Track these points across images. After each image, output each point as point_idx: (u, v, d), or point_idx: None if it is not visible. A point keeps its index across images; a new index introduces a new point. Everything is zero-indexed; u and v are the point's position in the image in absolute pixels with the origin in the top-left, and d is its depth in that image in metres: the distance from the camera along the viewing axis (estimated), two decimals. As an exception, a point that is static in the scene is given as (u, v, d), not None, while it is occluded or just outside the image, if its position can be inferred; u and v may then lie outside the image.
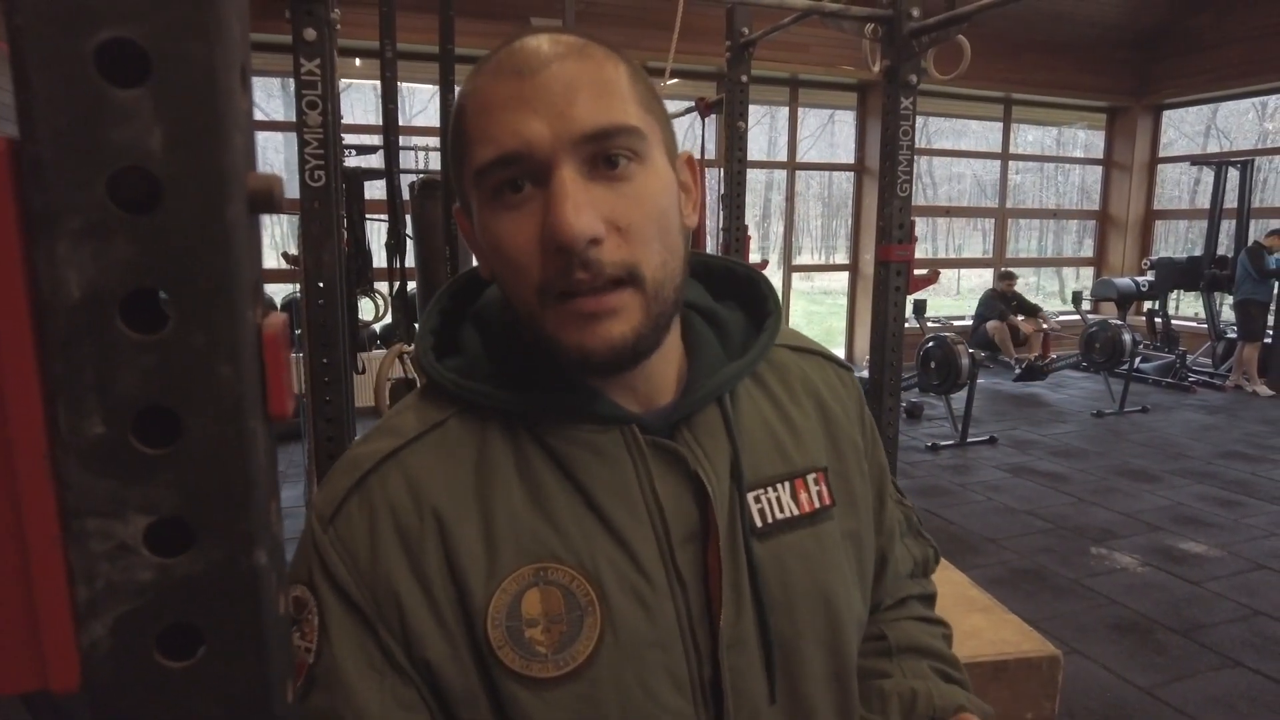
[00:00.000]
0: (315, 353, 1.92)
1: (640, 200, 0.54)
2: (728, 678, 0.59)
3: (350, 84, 6.72)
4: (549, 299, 0.53)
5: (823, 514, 0.65)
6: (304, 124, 1.84)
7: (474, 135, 0.54)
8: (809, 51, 7.34)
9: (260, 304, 0.32)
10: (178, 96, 0.26)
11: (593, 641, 0.55)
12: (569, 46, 0.54)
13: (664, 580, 0.58)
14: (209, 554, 0.29)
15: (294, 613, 0.57)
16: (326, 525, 0.57)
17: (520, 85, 0.52)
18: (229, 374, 0.29)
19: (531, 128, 0.51)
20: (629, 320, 0.54)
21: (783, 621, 0.61)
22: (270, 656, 0.31)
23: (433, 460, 0.58)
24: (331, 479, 0.60)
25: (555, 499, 0.57)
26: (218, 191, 0.27)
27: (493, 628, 0.55)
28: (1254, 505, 4.29)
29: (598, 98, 0.52)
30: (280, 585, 0.34)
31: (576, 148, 0.52)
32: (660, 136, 0.57)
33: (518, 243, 0.53)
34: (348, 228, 3.79)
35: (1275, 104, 9.39)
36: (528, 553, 0.56)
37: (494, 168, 0.53)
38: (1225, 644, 2.85)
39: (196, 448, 0.28)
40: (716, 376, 0.62)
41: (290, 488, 4.46)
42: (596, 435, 0.59)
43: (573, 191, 0.51)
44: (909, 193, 2.15)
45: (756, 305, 0.68)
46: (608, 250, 0.52)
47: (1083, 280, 9.96)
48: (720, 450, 0.61)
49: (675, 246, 0.56)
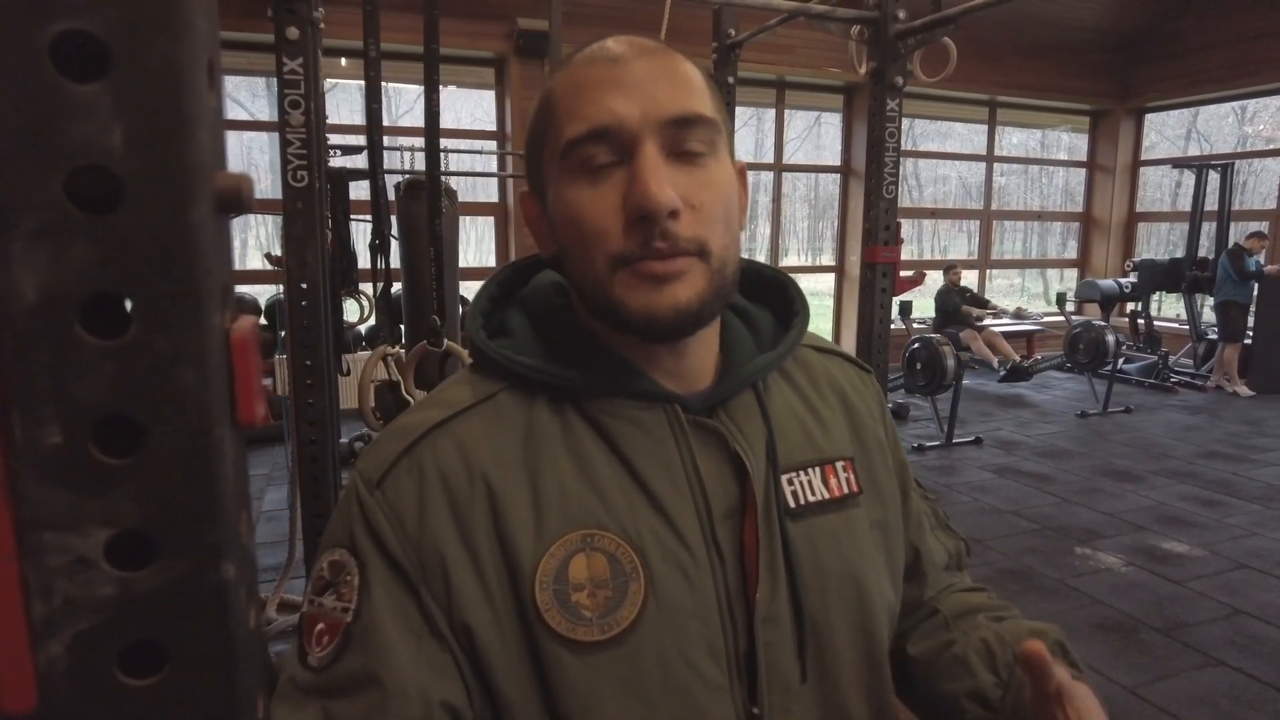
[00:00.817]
0: (298, 354, 1.90)
1: (712, 185, 0.58)
2: (762, 653, 0.60)
3: (336, 84, 6.67)
4: (621, 265, 0.57)
5: (850, 500, 0.68)
6: (286, 123, 1.82)
7: (564, 113, 0.58)
8: (795, 54, 7.36)
9: (229, 308, 0.31)
10: (139, 92, 0.25)
11: (637, 607, 0.57)
12: (654, 48, 0.60)
13: (704, 553, 0.60)
14: (173, 568, 0.28)
15: (329, 576, 0.58)
16: (373, 488, 0.59)
17: (614, 70, 0.57)
18: (194, 381, 0.28)
19: (622, 106, 0.56)
20: (694, 285, 0.57)
21: (815, 601, 0.63)
22: (238, 674, 0.30)
23: (483, 430, 0.60)
24: (379, 445, 0.62)
25: (601, 471, 0.60)
26: (182, 191, 0.26)
27: (540, 590, 0.56)
28: (1235, 505, 4.33)
29: (681, 90, 0.58)
30: (251, 599, 0.33)
31: (661, 129, 0.56)
32: (726, 138, 0.61)
33: (599, 211, 0.57)
34: (332, 228, 3.76)
35: (1254, 108, 9.50)
36: (575, 520, 0.58)
37: (584, 141, 0.57)
38: (1207, 643, 2.87)
39: (160, 457, 0.27)
40: (751, 365, 0.65)
41: (274, 490, 4.42)
42: (641, 412, 0.61)
43: (657, 166, 0.56)
44: (894, 194, 2.16)
45: (784, 306, 0.72)
46: (683, 224, 0.56)
47: (1067, 281, 10.04)
48: (756, 432, 0.64)
49: (735, 234, 0.61)
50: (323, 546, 0.61)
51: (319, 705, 0.56)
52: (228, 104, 7.42)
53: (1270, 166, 8.78)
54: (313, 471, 1.93)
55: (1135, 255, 9.23)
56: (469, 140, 7.05)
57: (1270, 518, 4.14)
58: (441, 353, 2.29)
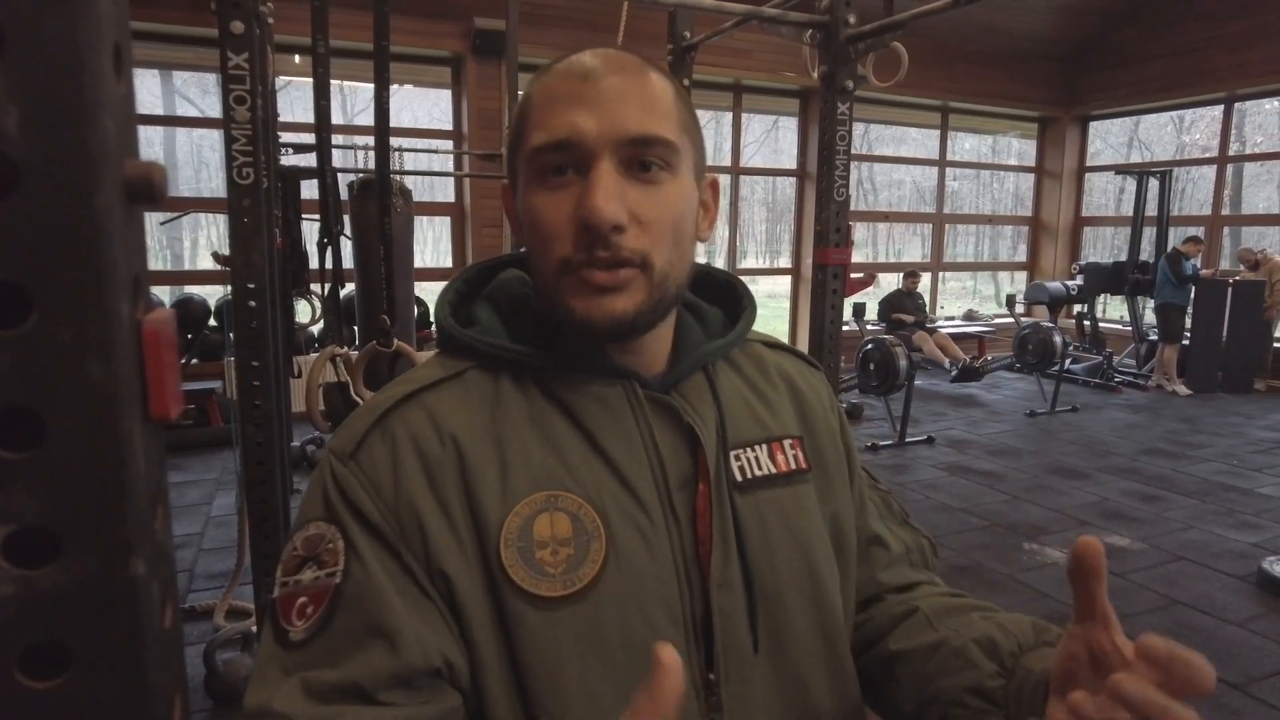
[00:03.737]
0: (244, 356, 1.85)
1: (663, 203, 0.61)
2: (718, 619, 0.62)
3: (289, 81, 6.54)
4: (568, 270, 0.60)
5: (798, 476, 0.71)
6: (231, 120, 1.78)
7: (535, 120, 0.62)
8: (752, 58, 7.43)
9: (142, 299, 0.30)
10: (35, 76, 0.24)
11: (598, 565, 0.59)
12: (629, 64, 0.62)
13: (661, 518, 0.63)
14: (77, 565, 0.27)
15: (304, 551, 0.60)
16: (347, 460, 0.61)
17: (582, 86, 0.60)
18: (100, 373, 0.27)
19: (585, 122, 0.59)
20: (633, 297, 0.60)
21: (764, 570, 0.65)
22: (149, 675, 0.29)
23: (451, 401, 0.63)
24: (350, 422, 0.64)
25: (564, 440, 0.63)
26: (84, 178, 0.26)
27: (505, 548, 0.58)
28: (1173, 499, 4.49)
29: (645, 110, 0.60)
30: (166, 597, 0.33)
31: (619, 147, 0.59)
32: (692, 157, 0.65)
33: (553, 218, 0.60)
34: (284, 228, 3.69)
35: (1192, 118, 9.86)
36: (539, 482, 0.61)
37: (546, 150, 0.60)
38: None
39: (63, 451, 0.26)
40: (700, 350, 0.69)
41: (224, 495, 4.31)
42: (602, 388, 0.65)
43: (607, 183, 0.59)
44: (846, 197, 2.19)
45: (733, 305, 0.76)
46: (628, 238, 0.59)
47: (1017, 284, 10.29)
48: (708, 410, 0.68)
49: (685, 251, 0.64)
50: (295, 527, 0.62)
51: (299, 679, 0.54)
52: (177, 101, 7.17)
53: (1206, 174, 9.11)
54: (259, 475, 1.88)
55: (1081, 258, 9.52)
56: (425, 140, 6.97)
57: (1205, 512, 4.30)
58: (391, 353, 2.25)
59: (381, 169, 2.32)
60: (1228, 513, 4.27)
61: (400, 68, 6.51)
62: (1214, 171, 8.78)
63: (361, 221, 3.68)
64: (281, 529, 1.91)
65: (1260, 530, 4.02)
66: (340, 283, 2.89)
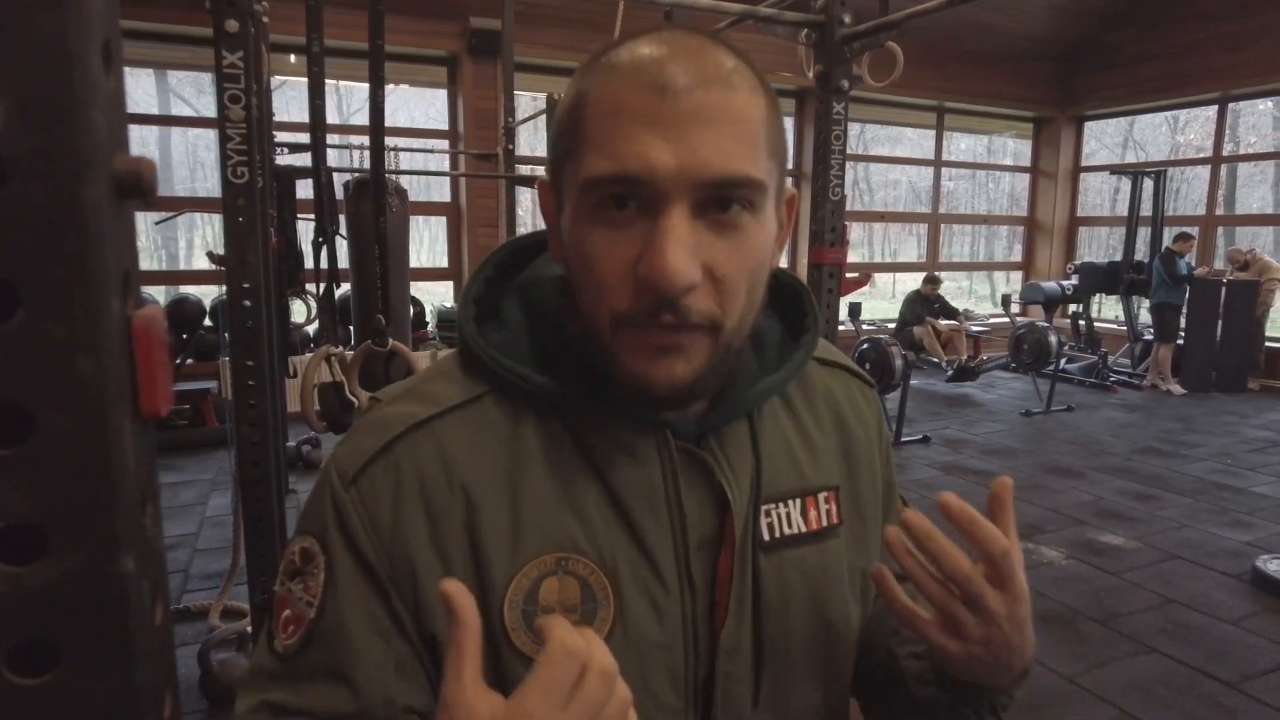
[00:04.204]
0: (239, 356, 1.85)
1: (743, 253, 0.52)
2: (720, 682, 0.60)
3: (285, 81, 6.52)
4: (624, 324, 0.52)
5: (829, 532, 0.66)
6: (226, 119, 1.77)
7: (592, 135, 0.51)
8: (747, 57, 7.43)
9: (132, 295, 0.30)
10: (25, 71, 0.24)
11: (603, 635, 0.56)
12: (715, 74, 0.51)
13: (677, 585, 0.59)
14: (66, 561, 0.27)
15: (299, 564, 0.58)
16: (349, 484, 0.57)
17: (658, 105, 0.49)
18: (89, 368, 0.27)
19: (659, 156, 0.49)
20: (694, 360, 0.53)
21: (776, 632, 0.62)
22: (138, 671, 0.29)
23: (466, 435, 0.58)
24: (356, 436, 0.60)
25: (583, 493, 0.58)
26: (73, 173, 0.26)
27: (509, 610, 0.55)
28: (1168, 498, 4.50)
29: (733, 141, 0.50)
30: (156, 594, 0.32)
31: (696, 188, 0.50)
32: (777, 183, 0.55)
33: (610, 265, 0.51)
34: (279, 227, 3.68)
35: (1186, 118, 9.90)
36: (551, 541, 0.57)
37: (607, 183, 0.50)
38: (1141, 631, 2.98)
39: (52, 447, 0.26)
40: (751, 391, 0.62)
41: (219, 495, 4.30)
42: (630, 436, 0.59)
43: (681, 234, 0.49)
44: (841, 196, 2.19)
45: (795, 317, 0.68)
46: (699, 298, 0.51)
47: (1012, 284, 10.31)
48: (744, 464, 0.62)
49: (758, 298, 0.56)
50: (298, 528, 0.60)
51: (282, 691, 0.56)
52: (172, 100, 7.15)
53: (1200, 174, 9.14)
54: (254, 475, 1.88)
55: (1076, 258, 9.54)
56: (421, 139, 6.96)
57: (1199, 510, 4.31)
58: (386, 353, 2.25)
59: (376, 168, 2.32)
60: (1222, 511, 4.29)
61: (396, 67, 6.50)
62: (1208, 172, 8.81)
63: (357, 221, 3.68)
64: (277, 530, 1.91)
65: (1254, 529, 4.04)
66: (335, 282, 2.88)
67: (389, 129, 3.10)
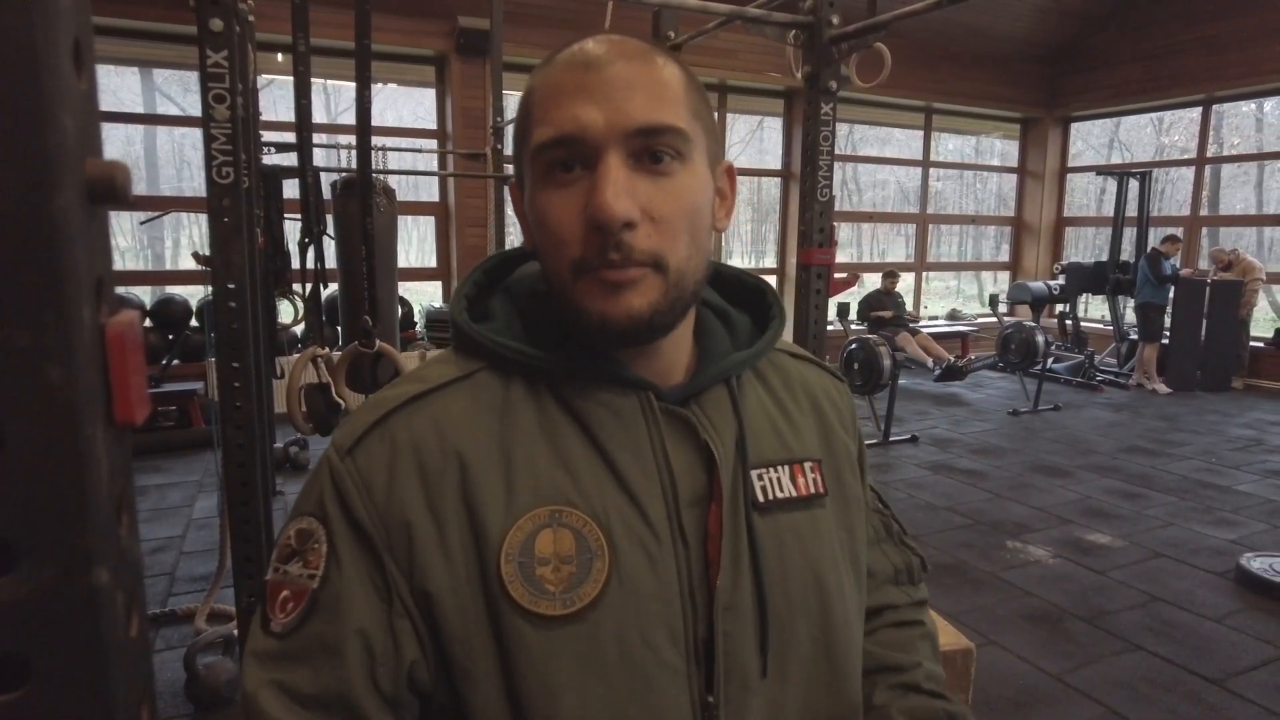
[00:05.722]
0: (225, 357, 1.83)
1: (676, 196, 0.58)
2: (720, 641, 0.61)
3: (271, 80, 6.48)
4: (581, 272, 0.58)
5: (817, 500, 0.69)
6: (211, 118, 1.76)
7: (537, 117, 0.59)
8: (737, 58, 7.45)
9: (105, 302, 0.30)
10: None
11: (599, 585, 0.58)
12: (634, 50, 0.59)
13: (669, 538, 0.61)
14: (36, 575, 0.26)
15: (296, 544, 0.60)
16: (344, 455, 0.60)
17: (585, 77, 0.57)
18: (59, 377, 0.26)
19: (589, 114, 0.56)
20: (647, 295, 0.58)
21: (778, 595, 0.64)
22: (113, 686, 0.28)
23: (459, 406, 0.62)
24: (355, 417, 0.63)
25: (573, 451, 0.61)
26: (42, 178, 0.25)
27: (505, 563, 0.57)
28: (1153, 497, 4.54)
29: (652, 98, 0.57)
30: (132, 606, 0.32)
31: (626, 139, 0.57)
32: (704, 144, 0.61)
33: (562, 218, 0.58)
34: (265, 228, 3.65)
35: (1170, 119, 9.98)
36: (544, 496, 0.59)
37: (550, 146, 0.58)
38: (1127, 629, 3.00)
39: (20, 458, 0.26)
40: (725, 361, 0.67)
41: (206, 497, 4.27)
42: (616, 398, 0.63)
43: (616, 177, 0.56)
44: (829, 197, 2.20)
45: (762, 312, 0.74)
46: (640, 237, 0.57)
47: (1000, 284, 10.37)
48: (727, 426, 0.65)
49: (702, 244, 0.61)
50: (291, 515, 0.62)
51: (279, 681, 0.57)
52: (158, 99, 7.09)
53: (1185, 175, 9.22)
54: (240, 477, 1.86)
55: (1063, 258, 9.61)
56: (409, 139, 6.93)
57: (1184, 509, 4.35)
58: (374, 354, 2.24)
59: (363, 168, 2.31)
60: (1206, 510, 4.32)
61: (383, 66, 6.47)
62: (1192, 173, 8.88)
63: (344, 221, 3.66)
64: (263, 531, 1.89)
65: (1238, 527, 4.08)
66: (323, 283, 2.86)
67: (377, 128, 3.09)
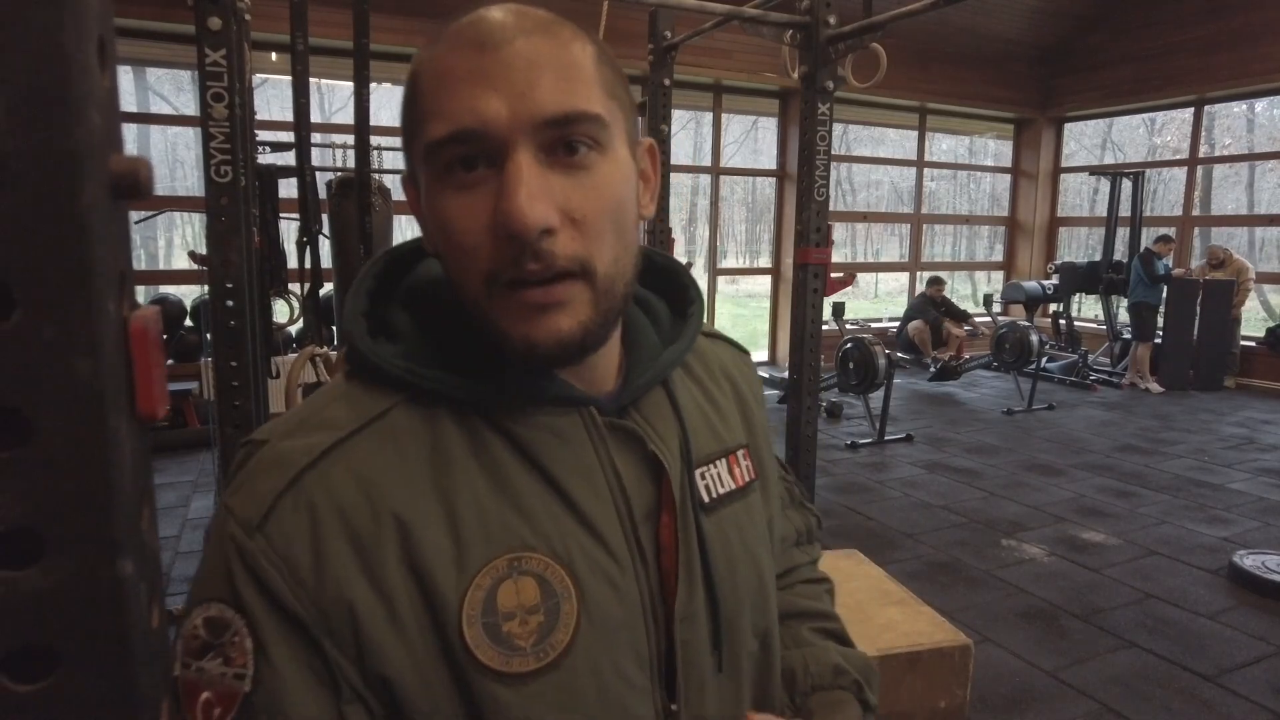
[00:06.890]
0: (222, 356, 1.83)
1: (598, 191, 0.51)
2: (680, 651, 0.59)
3: (267, 79, 6.47)
4: (496, 287, 0.51)
5: (750, 487, 0.67)
6: (209, 117, 1.76)
7: (427, 109, 0.51)
8: (732, 58, 7.46)
9: (127, 296, 0.30)
10: (20, 68, 0.24)
11: (570, 629, 0.54)
12: (536, 22, 0.51)
13: (629, 560, 0.57)
14: (63, 566, 0.27)
15: (208, 636, 0.50)
16: (253, 532, 0.50)
17: (481, 59, 0.49)
18: (87, 370, 0.26)
19: (490, 106, 0.49)
20: (577, 314, 0.52)
21: (727, 594, 0.62)
22: (137, 675, 0.28)
23: (381, 455, 0.53)
24: (251, 479, 0.53)
25: (520, 485, 0.55)
26: (70, 173, 0.25)
27: (469, 627, 0.51)
28: (1147, 495, 4.56)
29: (562, 80, 0.50)
30: (153, 598, 0.32)
31: (536, 131, 0.49)
32: (623, 124, 0.54)
33: (467, 225, 0.50)
34: (261, 227, 3.65)
35: (1162, 120, 10.04)
36: (498, 543, 0.53)
37: (447, 144, 0.50)
38: (1121, 626, 3.02)
39: (49, 450, 0.26)
40: (659, 361, 0.62)
41: (201, 497, 4.26)
42: (556, 419, 0.57)
43: (528, 178, 0.49)
44: (825, 197, 2.20)
45: (677, 293, 0.69)
46: (561, 242, 0.50)
47: (994, 283, 10.41)
48: (670, 430, 0.62)
49: (629, 241, 0.55)
50: (193, 599, 0.52)
51: None
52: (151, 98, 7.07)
53: (1177, 175, 9.28)
54: (239, 477, 1.86)
55: (1057, 258, 9.65)
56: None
57: (1178, 506, 4.37)
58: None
59: (361, 167, 2.31)
60: (1199, 508, 4.35)
61: (379, 65, 6.45)
62: (1185, 173, 8.93)
63: (340, 220, 3.65)
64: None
65: (1231, 525, 4.10)
66: (319, 282, 2.86)
67: (373, 128, 3.09)
